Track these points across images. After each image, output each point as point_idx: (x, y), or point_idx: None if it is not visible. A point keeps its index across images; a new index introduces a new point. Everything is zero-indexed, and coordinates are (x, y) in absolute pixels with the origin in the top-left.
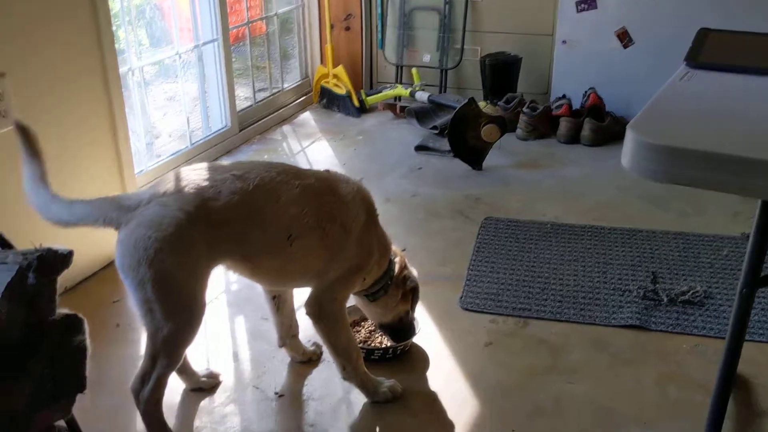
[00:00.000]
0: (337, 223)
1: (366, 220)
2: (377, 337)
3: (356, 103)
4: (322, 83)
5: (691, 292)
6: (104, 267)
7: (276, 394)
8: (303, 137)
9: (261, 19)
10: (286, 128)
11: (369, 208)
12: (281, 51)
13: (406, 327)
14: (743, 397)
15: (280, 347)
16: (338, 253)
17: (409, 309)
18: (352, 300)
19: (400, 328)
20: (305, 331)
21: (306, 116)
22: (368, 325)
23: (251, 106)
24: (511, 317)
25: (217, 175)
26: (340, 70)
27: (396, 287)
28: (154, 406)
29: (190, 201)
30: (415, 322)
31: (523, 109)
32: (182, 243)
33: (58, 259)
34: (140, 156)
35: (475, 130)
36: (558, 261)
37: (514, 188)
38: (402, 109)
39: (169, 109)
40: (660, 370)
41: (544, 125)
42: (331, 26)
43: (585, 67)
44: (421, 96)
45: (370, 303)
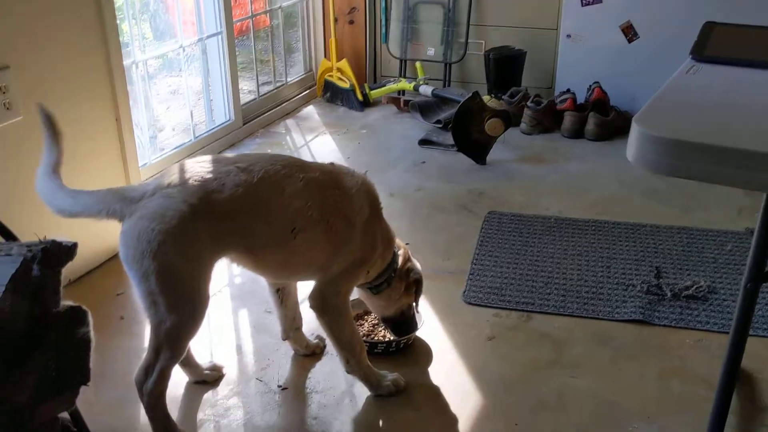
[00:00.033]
0: (341, 216)
1: (370, 213)
2: (380, 331)
3: (360, 96)
4: (325, 77)
5: (695, 287)
6: (108, 259)
7: (279, 386)
8: (306, 131)
9: (265, 12)
10: (289, 122)
11: (373, 201)
12: (285, 44)
13: (407, 321)
14: (747, 391)
15: (283, 340)
16: (342, 246)
17: (412, 303)
18: (356, 293)
19: (402, 322)
20: (309, 324)
21: (310, 110)
22: (371, 319)
23: (255, 99)
24: (515, 311)
25: (222, 167)
26: (343, 64)
27: (399, 280)
28: (158, 398)
29: (194, 193)
30: (418, 317)
31: (528, 103)
32: (186, 235)
33: (63, 252)
34: (144, 149)
35: (479, 125)
36: (561, 255)
37: (517, 182)
38: (406, 103)
39: (172, 102)
40: (663, 364)
41: (548, 119)
42: (335, 20)
43: (589, 61)
44: (425, 90)
45: (374, 296)
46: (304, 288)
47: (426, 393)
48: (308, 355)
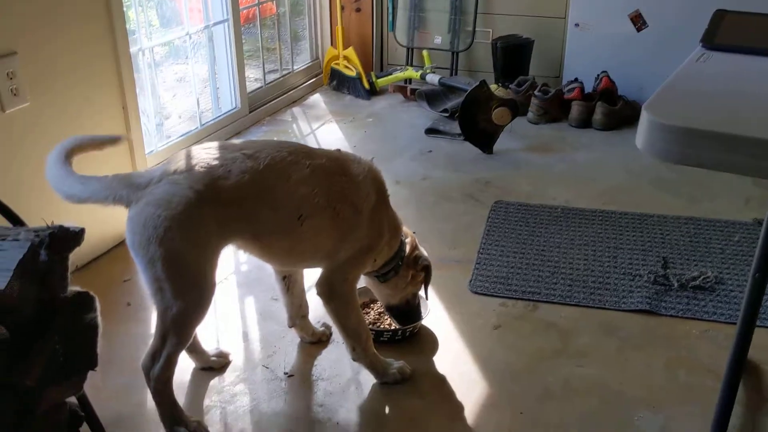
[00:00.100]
0: (348, 203)
1: (377, 200)
2: (386, 319)
3: (366, 85)
4: (332, 65)
5: (702, 277)
6: (115, 246)
7: (285, 374)
8: (313, 119)
9: None
10: (296, 110)
11: (380, 188)
12: (291, 32)
13: (412, 309)
14: (753, 382)
15: (289, 327)
16: (349, 234)
17: (417, 291)
18: (363, 281)
19: (407, 311)
20: (315, 312)
21: (316, 98)
22: (378, 307)
23: (261, 87)
24: (521, 301)
25: (228, 154)
26: (350, 52)
27: (407, 268)
28: (164, 384)
29: (200, 179)
30: (425, 305)
31: (535, 92)
32: (192, 222)
33: (70, 237)
34: (150, 137)
35: (486, 113)
36: (568, 245)
37: (524, 172)
38: (412, 91)
39: (179, 90)
40: (670, 354)
41: (555, 109)
42: (342, 8)
43: (597, 50)
44: (432, 78)
45: (381, 284)
46: (311, 275)
47: (432, 381)
48: (314, 342)
